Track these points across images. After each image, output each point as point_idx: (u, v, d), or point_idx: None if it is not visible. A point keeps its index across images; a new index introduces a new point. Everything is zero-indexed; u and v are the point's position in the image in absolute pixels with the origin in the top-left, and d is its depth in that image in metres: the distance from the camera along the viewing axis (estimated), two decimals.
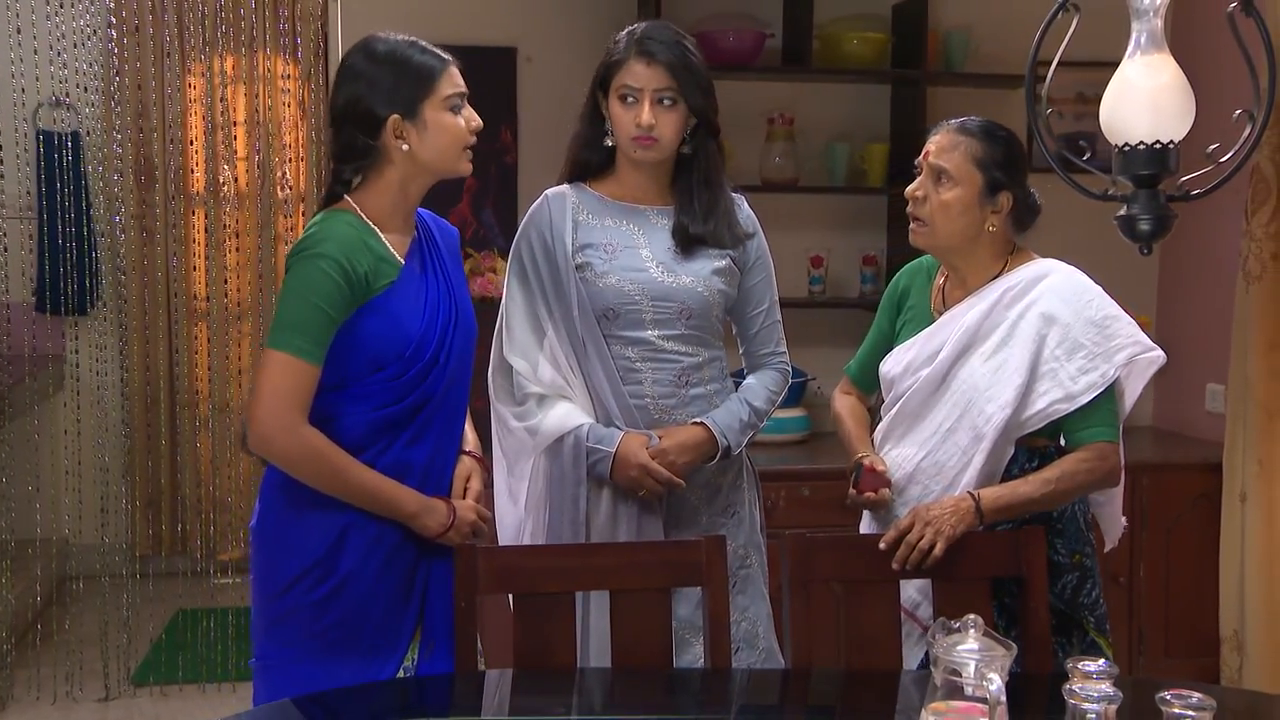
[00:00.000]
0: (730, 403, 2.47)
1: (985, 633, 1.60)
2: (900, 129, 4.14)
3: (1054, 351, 2.33)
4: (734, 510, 2.50)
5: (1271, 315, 3.72)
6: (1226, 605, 3.85)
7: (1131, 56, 1.78)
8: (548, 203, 2.50)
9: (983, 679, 1.55)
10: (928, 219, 2.40)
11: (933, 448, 2.40)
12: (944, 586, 2.20)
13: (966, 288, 2.45)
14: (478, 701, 2.03)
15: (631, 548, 2.24)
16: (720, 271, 2.46)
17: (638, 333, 2.43)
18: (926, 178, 2.41)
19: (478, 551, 2.09)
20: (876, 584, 2.18)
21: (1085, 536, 2.40)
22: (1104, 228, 2.68)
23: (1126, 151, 1.77)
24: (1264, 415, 3.74)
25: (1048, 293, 2.36)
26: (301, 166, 5.47)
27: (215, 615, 4.51)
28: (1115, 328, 2.33)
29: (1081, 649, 2.37)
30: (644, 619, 2.11)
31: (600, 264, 2.42)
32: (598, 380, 2.42)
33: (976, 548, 2.21)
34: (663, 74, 2.37)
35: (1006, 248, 2.44)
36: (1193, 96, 1.74)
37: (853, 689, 2.13)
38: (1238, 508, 3.81)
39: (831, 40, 4.03)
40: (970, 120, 2.44)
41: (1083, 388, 2.31)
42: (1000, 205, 2.39)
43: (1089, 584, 2.38)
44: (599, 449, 2.38)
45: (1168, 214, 1.74)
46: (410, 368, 2.11)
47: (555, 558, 2.18)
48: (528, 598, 2.11)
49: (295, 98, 5.42)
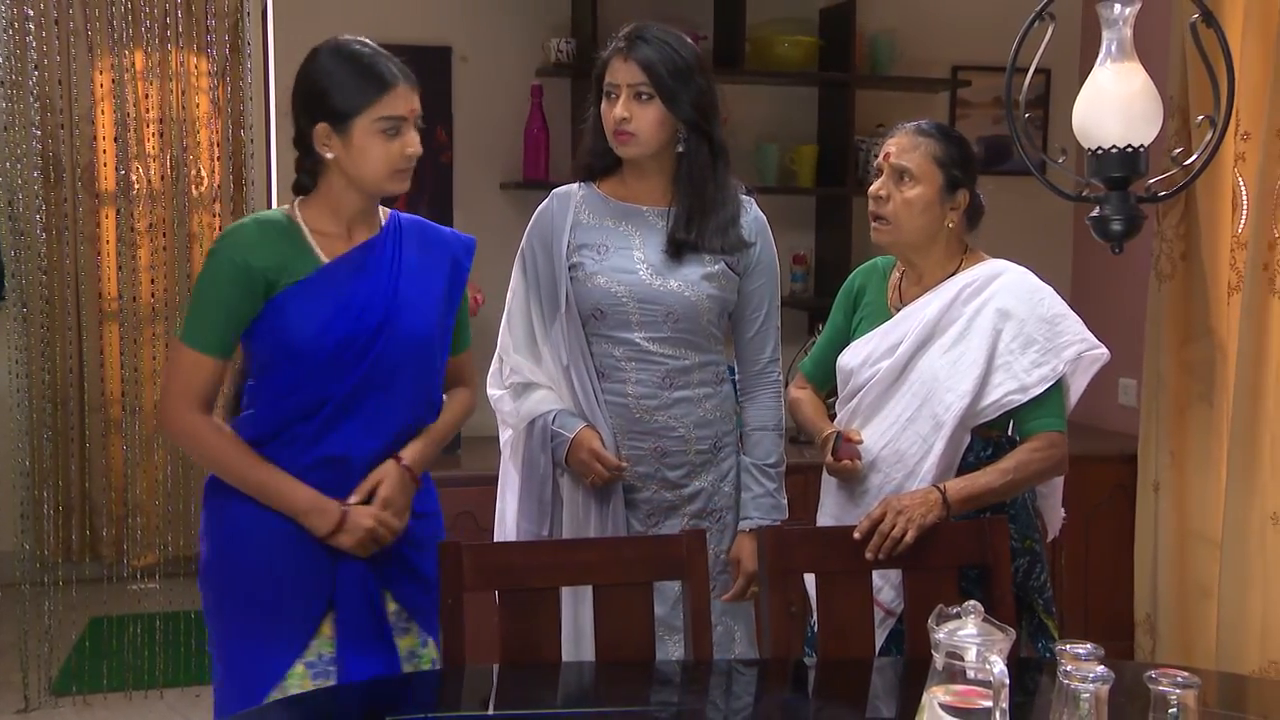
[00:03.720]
0: (749, 484, 2.53)
1: (984, 618, 1.66)
2: (829, 130, 4.21)
3: (1009, 345, 2.43)
4: (719, 515, 2.54)
5: (1182, 312, 3.88)
6: (1140, 591, 4.01)
7: (1103, 64, 1.84)
8: (553, 202, 2.56)
9: (985, 662, 1.60)
10: (891, 217, 2.48)
11: (893, 436, 2.47)
12: (913, 575, 2.26)
13: (923, 284, 2.54)
14: (472, 695, 2.03)
15: (614, 543, 2.26)
16: (712, 277, 2.48)
17: (624, 333, 2.47)
18: (888, 178, 2.49)
19: (463, 549, 2.09)
20: (851, 575, 2.23)
21: (1034, 523, 2.53)
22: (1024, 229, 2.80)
23: (1099, 155, 1.83)
24: (1175, 408, 3.89)
25: (1002, 290, 2.47)
26: (217, 165, 5.36)
27: (141, 621, 4.39)
28: (1065, 325, 2.45)
29: (1030, 630, 2.49)
30: (626, 613, 2.13)
31: (591, 264, 2.47)
32: (581, 377, 2.47)
33: (944, 537, 2.28)
34: (637, 69, 2.41)
35: (960, 246, 2.54)
36: (1160, 102, 1.82)
37: (829, 676, 2.18)
38: (1151, 497, 3.96)
39: (762, 43, 4.09)
40: (925, 123, 2.54)
41: (1035, 380, 2.41)
42: (958, 202, 2.49)
43: (1038, 568, 2.50)
44: (560, 433, 2.46)
45: (1138, 215, 1.81)
46: (301, 365, 2.13)
47: (539, 554, 2.19)
48: (512, 593, 2.11)
49: (209, 95, 5.31)
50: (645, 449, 2.49)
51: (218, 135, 5.34)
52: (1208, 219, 3.74)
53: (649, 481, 2.51)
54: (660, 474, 2.50)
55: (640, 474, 2.50)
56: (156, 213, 5.18)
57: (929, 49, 4.32)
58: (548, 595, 2.11)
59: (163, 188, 5.23)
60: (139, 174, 5.24)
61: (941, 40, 4.35)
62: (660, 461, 2.50)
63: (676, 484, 2.51)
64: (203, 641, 4.44)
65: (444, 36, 3.96)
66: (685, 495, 2.51)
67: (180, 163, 5.22)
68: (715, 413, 2.53)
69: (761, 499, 2.52)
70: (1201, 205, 3.75)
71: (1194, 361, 3.85)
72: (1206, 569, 3.77)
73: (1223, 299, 3.73)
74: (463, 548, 2.09)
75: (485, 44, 3.99)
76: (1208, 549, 3.76)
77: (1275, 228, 3.43)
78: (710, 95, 2.46)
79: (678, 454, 2.50)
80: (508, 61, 4.00)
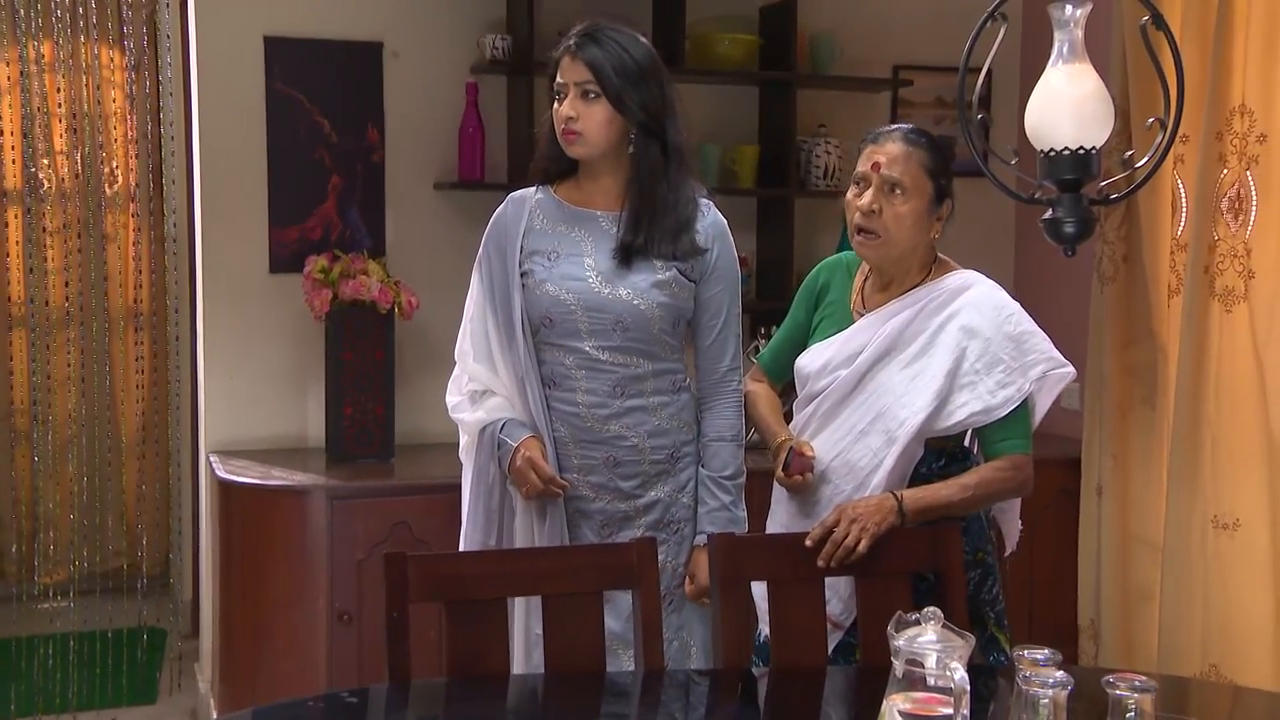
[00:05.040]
0: (704, 498, 2.54)
1: (944, 624, 1.69)
2: (770, 131, 4.26)
3: (974, 365, 2.44)
4: (678, 527, 2.55)
5: (1124, 315, 3.96)
6: (1084, 596, 4.09)
7: (1054, 65, 1.88)
8: (509, 206, 2.57)
9: (946, 669, 1.64)
10: (882, 231, 2.44)
11: (845, 448, 2.49)
12: (865, 583, 2.30)
13: (889, 292, 2.53)
14: (414, 712, 2.02)
15: (563, 551, 2.28)
16: (662, 284, 2.49)
17: (573, 342, 2.49)
18: (878, 190, 2.44)
19: (408, 559, 2.09)
20: (803, 583, 2.26)
21: (987, 535, 2.56)
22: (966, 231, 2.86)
23: (1051, 157, 1.87)
24: (1118, 411, 3.98)
25: (968, 306, 2.47)
26: (133, 162, 5.28)
27: (53, 641, 4.32)
28: (1032, 343, 2.46)
29: (982, 643, 2.49)
30: (577, 623, 2.14)
31: (541, 271, 2.49)
32: (532, 385, 2.49)
33: (896, 545, 2.31)
34: (583, 68, 2.43)
35: (931, 255, 2.54)
36: (1111, 104, 1.87)
37: (782, 686, 2.21)
38: (1094, 501, 4.04)
39: (702, 41, 4.13)
40: (910, 129, 2.51)
41: (1000, 401, 2.43)
42: (944, 213, 2.49)
43: (990, 581, 2.52)
44: (506, 441, 2.48)
45: (1091, 217, 1.86)
46: None
47: (486, 564, 2.21)
48: (459, 604, 2.11)
49: (124, 89, 5.23)
50: (597, 459, 2.51)
51: (134, 131, 5.26)
52: (1149, 221, 3.83)
53: (602, 492, 2.52)
54: (613, 484, 2.51)
55: (593, 484, 2.51)
56: (70, 212, 5.10)
57: (870, 48, 4.38)
58: (495, 606, 2.12)
59: (75, 186, 5.14)
60: (48, 172, 5.14)
61: (883, 39, 4.42)
62: (613, 471, 2.51)
63: (630, 494, 2.52)
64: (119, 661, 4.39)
65: (375, 32, 3.94)
66: (640, 506, 2.52)
67: (93, 160, 5.14)
68: (672, 422, 2.55)
69: (717, 512, 2.53)
70: (1142, 208, 3.83)
71: (1136, 364, 3.93)
72: (1148, 573, 3.85)
73: (1164, 301, 3.81)
74: (408, 558, 2.09)
75: (417, 40, 3.98)
76: (1150, 553, 3.84)
77: (1214, 230, 3.52)
78: (662, 96, 2.48)
79: (631, 464, 2.51)
80: (441, 58, 3.99)
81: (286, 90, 3.83)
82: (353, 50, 3.89)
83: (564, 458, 2.51)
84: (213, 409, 3.91)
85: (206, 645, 4.10)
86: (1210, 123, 3.49)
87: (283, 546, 3.48)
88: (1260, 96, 3.41)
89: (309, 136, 3.87)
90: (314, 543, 3.43)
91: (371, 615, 3.39)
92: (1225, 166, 3.49)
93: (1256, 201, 3.44)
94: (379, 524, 3.44)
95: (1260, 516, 3.42)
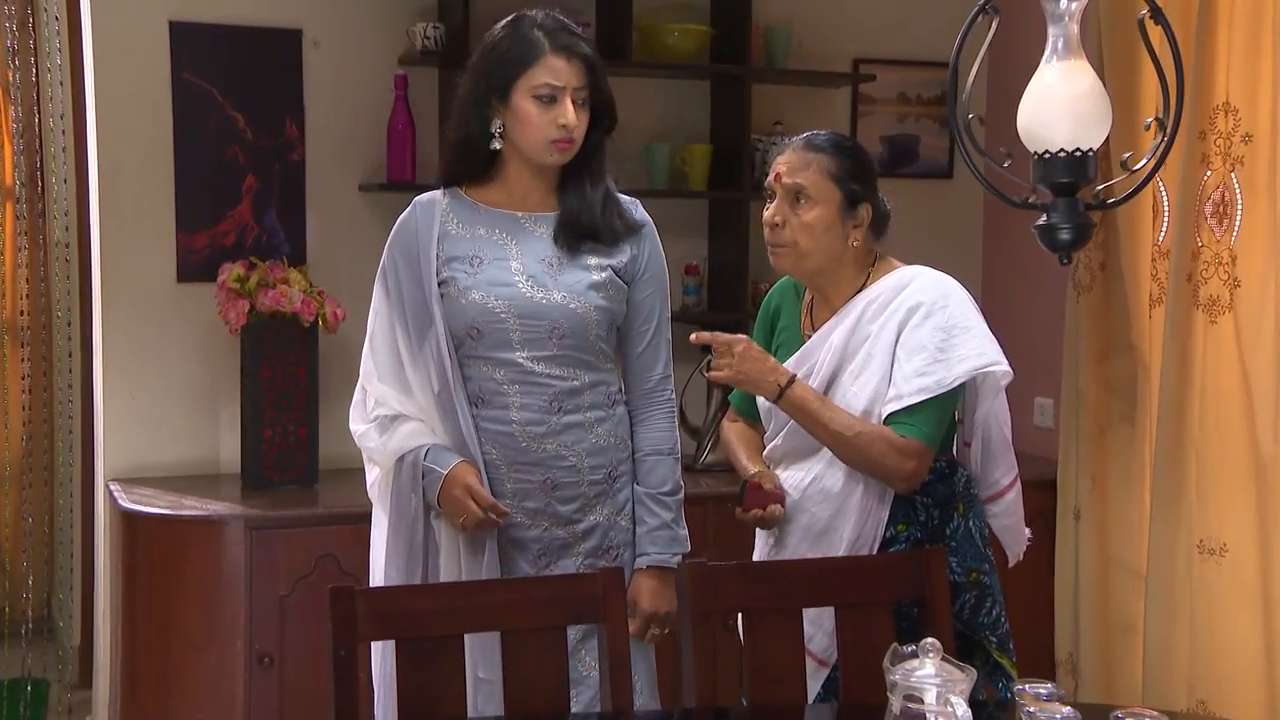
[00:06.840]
0: (643, 517, 2.56)
1: (944, 657, 1.74)
2: (723, 128, 4.31)
3: (900, 350, 2.50)
4: (616, 553, 2.57)
5: (1102, 326, 4.03)
6: (1061, 627, 4.15)
7: (1049, 61, 1.93)
8: (416, 211, 2.56)
9: (947, 704, 1.69)
10: (789, 243, 2.55)
11: (819, 474, 2.56)
12: (845, 613, 2.34)
13: (831, 307, 2.62)
14: None
15: (522, 583, 2.30)
16: (599, 286, 2.52)
17: (504, 354, 2.49)
18: (782, 200, 2.55)
19: (355, 594, 2.09)
20: (782, 613, 2.30)
21: (982, 553, 2.59)
22: (930, 235, 2.93)
23: (1046, 159, 1.92)
24: (1095, 428, 4.05)
25: (907, 298, 2.54)
26: (6, 156, 5.20)
27: None
28: (961, 339, 2.50)
29: (986, 672, 2.53)
30: (538, 660, 2.16)
31: (464, 278, 2.48)
32: (460, 405, 2.47)
33: (876, 571, 2.36)
34: (581, 71, 2.46)
35: (868, 259, 2.62)
36: (1109, 103, 1.93)
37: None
38: (1071, 525, 4.11)
39: (650, 32, 4.17)
40: (815, 135, 2.61)
41: (912, 390, 2.47)
42: (860, 219, 2.57)
43: (989, 602, 2.57)
44: (433, 469, 2.46)
45: (1087, 223, 1.92)
46: None
47: (441, 597, 2.22)
48: (412, 642, 2.12)
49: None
50: (534, 482, 2.51)
51: (12, 124, 5.18)
52: (1128, 227, 3.89)
53: (539, 518, 2.53)
54: (551, 509, 2.52)
55: (529, 510, 2.52)
56: None
57: (829, 41, 4.44)
58: (451, 643, 2.13)
59: None
60: None
61: (843, 31, 4.48)
62: (551, 495, 2.52)
63: (570, 519, 2.53)
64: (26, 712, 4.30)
65: (293, 18, 3.93)
66: (579, 532, 2.54)
67: None
68: (609, 438, 2.57)
69: (658, 532, 2.56)
70: (1120, 212, 3.90)
71: (1114, 379, 3.99)
72: (1130, 602, 3.91)
73: (1144, 312, 3.88)
74: (355, 592, 2.10)
75: (341, 28, 3.98)
76: (1131, 580, 3.90)
77: (1198, 236, 3.59)
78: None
79: (570, 485, 2.52)
80: (367, 48, 3.99)
81: (196, 81, 3.81)
82: (269, 38, 3.88)
83: (496, 482, 2.50)
84: (113, 432, 3.87)
85: (101, 695, 4.05)
86: (1193, 122, 3.54)
87: (195, 583, 3.45)
88: (1245, 93, 3.47)
89: (221, 132, 3.85)
90: (230, 578, 3.42)
91: (295, 656, 3.38)
92: (1209, 168, 3.56)
93: (1242, 205, 3.51)
94: (302, 557, 3.44)
95: (1249, 541, 3.47)
